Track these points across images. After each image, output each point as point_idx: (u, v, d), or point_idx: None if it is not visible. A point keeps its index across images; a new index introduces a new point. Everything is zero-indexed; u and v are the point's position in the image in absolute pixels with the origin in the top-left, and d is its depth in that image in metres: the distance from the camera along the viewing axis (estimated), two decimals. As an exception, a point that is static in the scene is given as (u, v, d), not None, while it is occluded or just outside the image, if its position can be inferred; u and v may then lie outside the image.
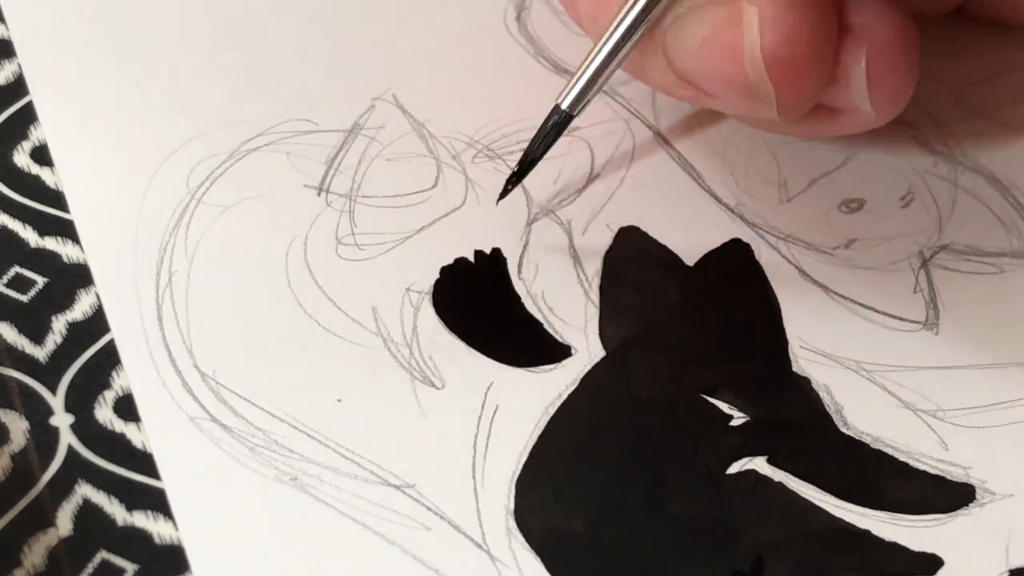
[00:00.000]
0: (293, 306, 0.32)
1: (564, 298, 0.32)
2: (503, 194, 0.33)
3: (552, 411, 0.30)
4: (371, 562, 0.28)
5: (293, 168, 0.35)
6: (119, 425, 0.30)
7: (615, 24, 0.31)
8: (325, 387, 0.31)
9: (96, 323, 0.32)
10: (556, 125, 0.32)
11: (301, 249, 0.33)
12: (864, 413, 0.30)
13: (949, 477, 0.29)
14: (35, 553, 0.28)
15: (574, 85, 0.32)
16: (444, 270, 0.33)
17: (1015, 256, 0.33)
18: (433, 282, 0.32)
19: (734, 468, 0.30)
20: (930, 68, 0.37)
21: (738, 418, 0.30)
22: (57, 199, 0.34)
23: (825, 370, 0.31)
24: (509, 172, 0.35)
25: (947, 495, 0.29)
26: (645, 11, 0.31)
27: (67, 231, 0.34)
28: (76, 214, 0.34)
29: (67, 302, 0.32)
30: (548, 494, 0.29)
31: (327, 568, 0.28)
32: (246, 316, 0.32)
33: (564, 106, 0.32)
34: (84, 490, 0.29)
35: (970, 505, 0.29)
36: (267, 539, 0.28)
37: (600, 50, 0.31)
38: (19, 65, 0.37)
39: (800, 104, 0.32)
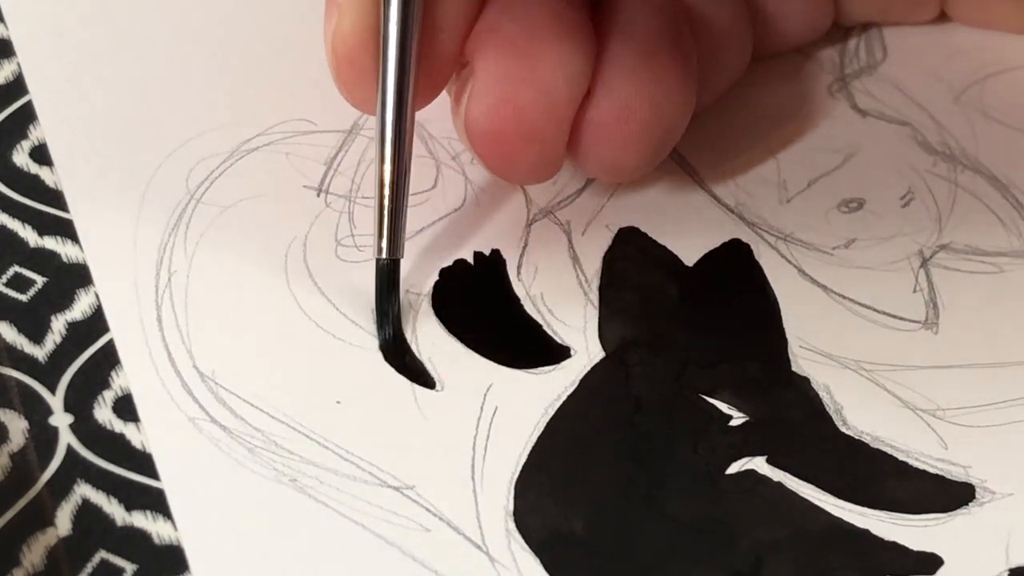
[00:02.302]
0: (292, 307, 0.32)
1: (563, 299, 0.32)
2: (420, 378, 0.31)
3: (551, 412, 0.30)
4: (370, 563, 0.28)
5: (292, 168, 0.35)
6: (118, 425, 0.30)
7: (386, 157, 0.30)
8: (324, 388, 0.31)
9: (95, 323, 0.32)
10: (390, 277, 0.31)
11: (300, 250, 0.33)
12: (864, 413, 0.30)
13: (949, 476, 0.29)
14: (34, 553, 0.28)
15: (381, 233, 0.31)
16: (443, 272, 0.33)
17: (1015, 256, 0.33)
18: (432, 284, 0.32)
19: (733, 468, 0.30)
20: (930, 68, 0.37)
21: (738, 418, 0.30)
22: (56, 198, 0.34)
23: (825, 370, 0.31)
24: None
25: (947, 494, 0.29)
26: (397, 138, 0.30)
27: (66, 231, 0.34)
28: (75, 214, 0.34)
29: (66, 302, 0.32)
30: (547, 495, 0.29)
31: (326, 569, 0.28)
32: (245, 317, 0.32)
33: (384, 256, 0.31)
34: (83, 490, 0.29)
35: (970, 504, 0.29)
36: (266, 540, 0.28)
37: (383, 188, 0.31)
38: (19, 65, 0.37)
39: (516, 174, 0.32)
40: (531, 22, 0.30)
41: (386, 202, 0.31)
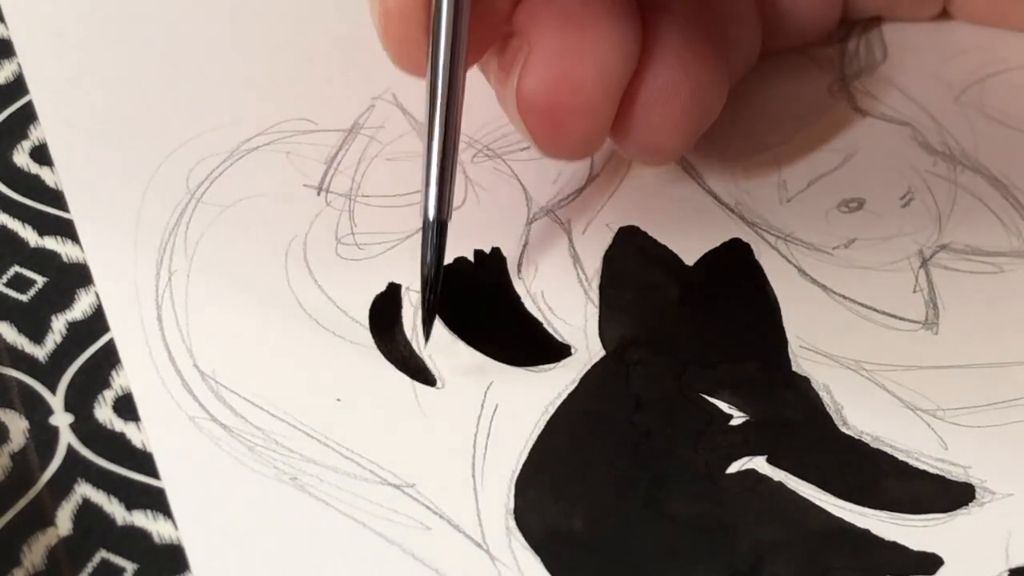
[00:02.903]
0: (293, 306, 0.32)
1: (564, 298, 0.32)
2: (427, 332, 0.31)
3: (552, 410, 0.30)
4: (371, 561, 0.28)
5: (293, 168, 0.35)
6: (119, 424, 0.30)
7: (437, 110, 0.30)
8: (325, 386, 0.31)
9: (96, 322, 0.32)
10: (437, 237, 0.30)
11: (301, 248, 0.33)
12: (864, 413, 0.30)
13: (949, 477, 0.29)
14: (35, 552, 0.28)
15: (429, 191, 0.30)
16: (444, 269, 0.33)
17: (1015, 256, 0.33)
18: (432, 281, 0.32)
19: (734, 468, 0.30)
20: (930, 68, 0.37)
21: (738, 417, 0.30)
22: (57, 198, 0.34)
23: (825, 370, 0.31)
24: (509, 172, 0.35)
25: (947, 495, 0.29)
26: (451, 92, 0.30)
27: (67, 230, 0.34)
28: (76, 213, 0.34)
29: (67, 302, 0.32)
30: (548, 493, 0.29)
31: (326, 567, 0.28)
32: (246, 316, 0.32)
33: (432, 216, 0.30)
34: (83, 489, 0.29)
35: (970, 504, 0.29)
36: (267, 538, 0.28)
37: (433, 147, 0.30)
38: (19, 65, 0.37)
39: (564, 150, 0.32)
40: None
41: (435, 161, 0.30)
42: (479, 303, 0.32)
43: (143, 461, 0.29)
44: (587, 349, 0.31)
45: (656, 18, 0.31)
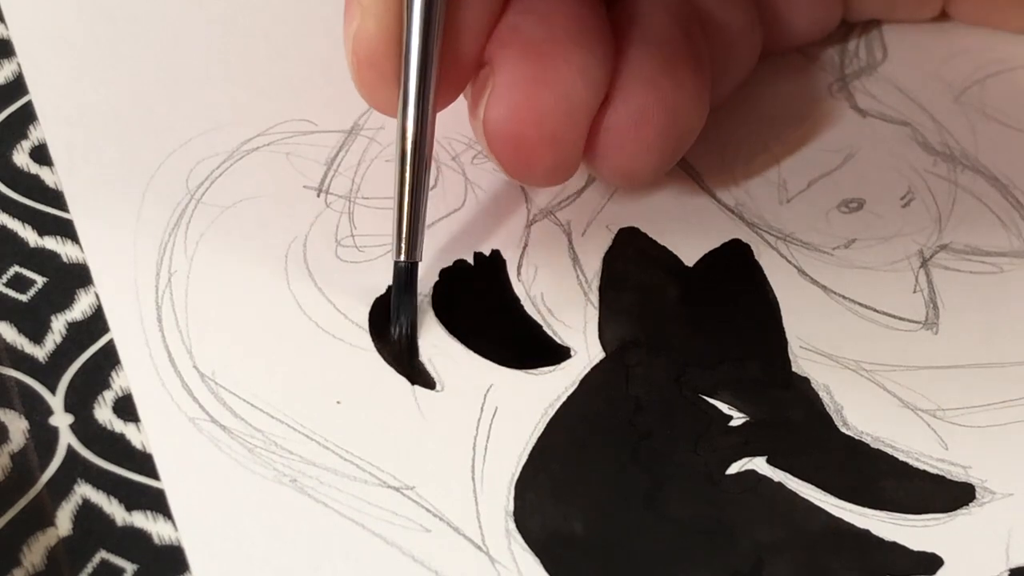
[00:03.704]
0: (292, 307, 0.32)
1: (563, 300, 0.32)
2: (419, 378, 0.31)
3: (552, 413, 0.30)
4: (370, 563, 0.28)
5: (293, 169, 0.35)
6: (119, 425, 0.30)
7: (407, 160, 0.30)
8: (324, 388, 0.31)
9: (95, 323, 0.32)
10: (407, 280, 0.31)
11: (300, 250, 0.33)
12: (864, 413, 0.30)
13: (949, 477, 0.29)
14: (34, 553, 0.28)
15: (399, 234, 0.31)
16: (443, 272, 0.33)
17: (1015, 256, 0.33)
18: (432, 284, 0.32)
19: (734, 468, 0.30)
20: (930, 68, 0.37)
21: (738, 418, 0.30)
22: (56, 198, 0.34)
23: (825, 370, 0.31)
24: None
25: (947, 495, 0.29)
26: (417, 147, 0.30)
27: (66, 231, 0.34)
28: (75, 213, 0.34)
29: (66, 302, 0.32)
30: (548, 496, 0.29)
31: (326, 569, 0.28)
32: (245, 317, 0.32)
33: (402, 259, 0.31)
34: (83, 490, 0.29)
35: (970, 505, 0.29)
36: (266, 540, 0.28)
37: (404, 190, 0.30)
38: (19, 65, 0.37)
39: (532, 177, 0.32)
40: (552, 25, 0.30)
41: (405, 204, 0.30)
42: (479, 305, 0.32)
43: (143, 462, 0.29)
44: (587, 351, 0.31)
45: (630, 41, 0.31)
